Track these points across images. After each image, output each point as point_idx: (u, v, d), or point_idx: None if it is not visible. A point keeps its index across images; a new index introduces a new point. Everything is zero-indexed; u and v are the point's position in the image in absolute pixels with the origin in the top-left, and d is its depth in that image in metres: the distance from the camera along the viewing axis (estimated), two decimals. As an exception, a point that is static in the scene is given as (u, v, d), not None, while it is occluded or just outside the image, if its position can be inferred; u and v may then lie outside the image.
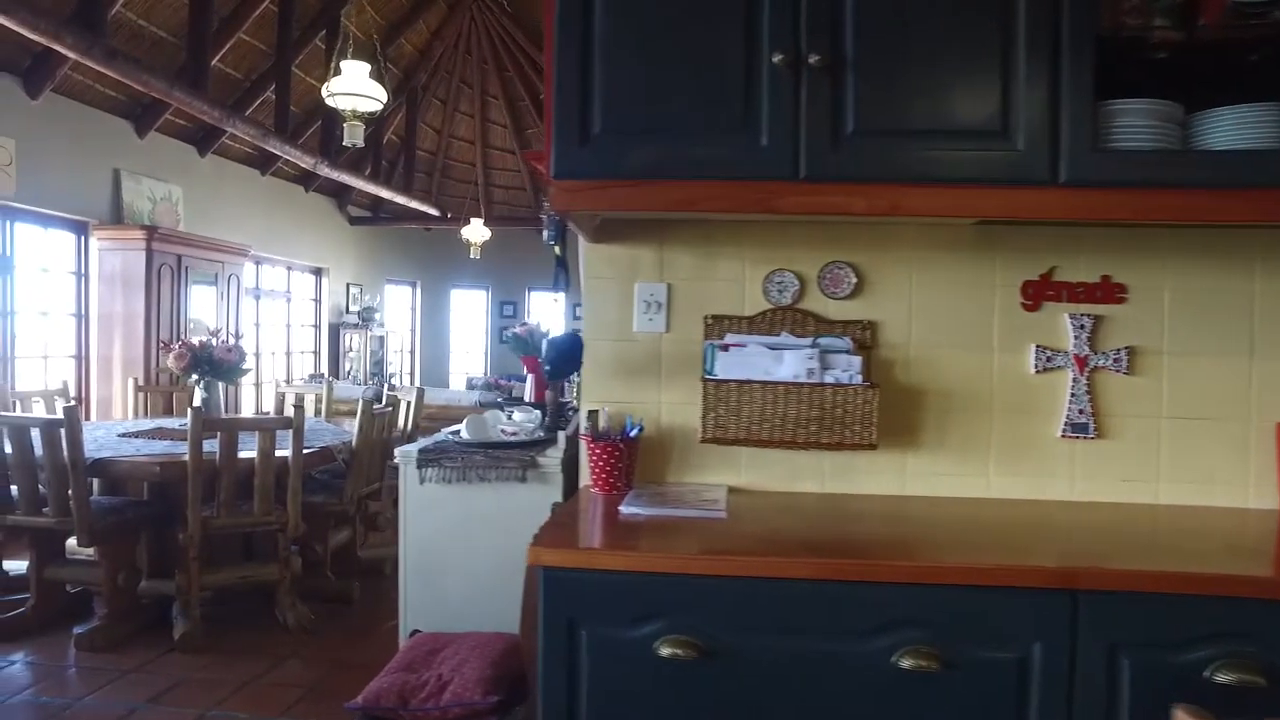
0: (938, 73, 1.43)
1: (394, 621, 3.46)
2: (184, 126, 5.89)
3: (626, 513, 1.62)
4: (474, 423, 2.27)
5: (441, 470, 2.12)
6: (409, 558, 2.20)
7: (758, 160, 1.44)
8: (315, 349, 8.25)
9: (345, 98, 3.48)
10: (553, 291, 1.80)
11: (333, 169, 6.06)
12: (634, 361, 1.92)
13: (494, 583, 2.19)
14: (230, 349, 3.80)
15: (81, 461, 2.91)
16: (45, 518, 2.99)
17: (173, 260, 5.24)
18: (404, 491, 2.21)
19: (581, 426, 1.89)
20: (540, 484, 2.17)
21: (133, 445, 3.34)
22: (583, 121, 1.46)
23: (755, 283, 1.90)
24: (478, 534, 2.18)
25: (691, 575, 1.33)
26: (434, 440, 2.35)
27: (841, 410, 1.77)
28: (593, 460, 1.82)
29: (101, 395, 5.11)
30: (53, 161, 4.80)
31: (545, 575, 1.35)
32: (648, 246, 1.92)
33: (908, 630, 1.29)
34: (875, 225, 1.85)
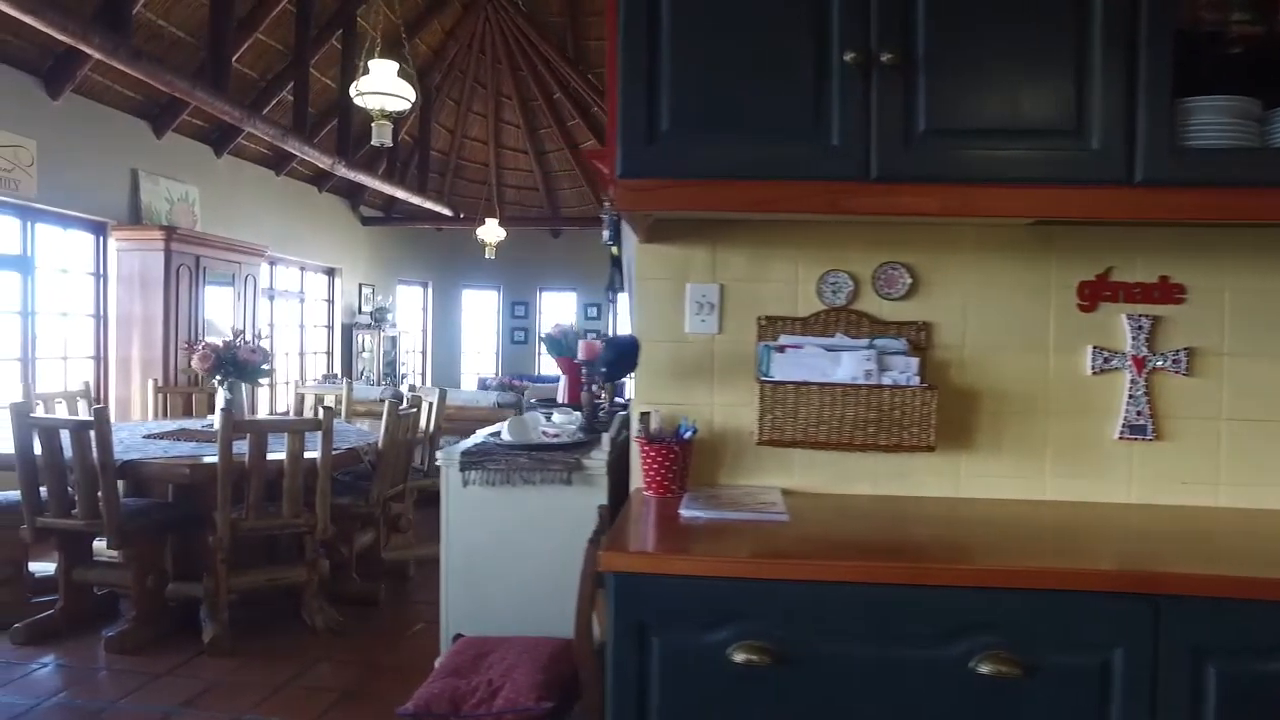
0: (1011, 71, 1.41)
1: (422, 624, 3.46)
2: (200, 127, 5.88)
3: (687, 516, 1.60)
4: (516, 424, 2.25)
5: (485, 473, 2.10)
6: (450, 561, 2.18)
7: (828, 160, 1.42)
8: (328, 350, 8.24)
9: (374, 97, 3.46)
10: (608, 293, 1.78)
11: (350, 169, 6.04)
12: (686, 363, 1.90)
13: (538, 586, 2.17)
14: (254, 350, 3.78)
15: (111, 463, 2.90)
16: (74, 520, 2.97)
17: (191, 261, 5.23)
18: (446, 494, 2.19)
19: (633, 429, 1.87)
20: (585, 486, 2.15)
21: (159, 447, 3.32)
22: (650, 120, 1.44)
23: (809, 283, 1.88)
24: (521, 537, 2.16)
25: (766, 579, 1.31)
26: (475, 442, 2.33)
27: (899, 412, 1.75)
28: (646, 463, 1.80)
29: (120, 396, 5.09)
30: (72, 162, 4.79)
31: (615, 581, 1.33)
32: (700, 247, 1.90)
33: (984, 635, 1.27)
34: (930, 225, 1.83)
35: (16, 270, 4.61)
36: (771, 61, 1.43)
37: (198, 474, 2.97)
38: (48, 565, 3.68)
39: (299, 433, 3.02)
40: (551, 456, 2.13)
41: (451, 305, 10.46)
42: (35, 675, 2.75)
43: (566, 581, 2.17)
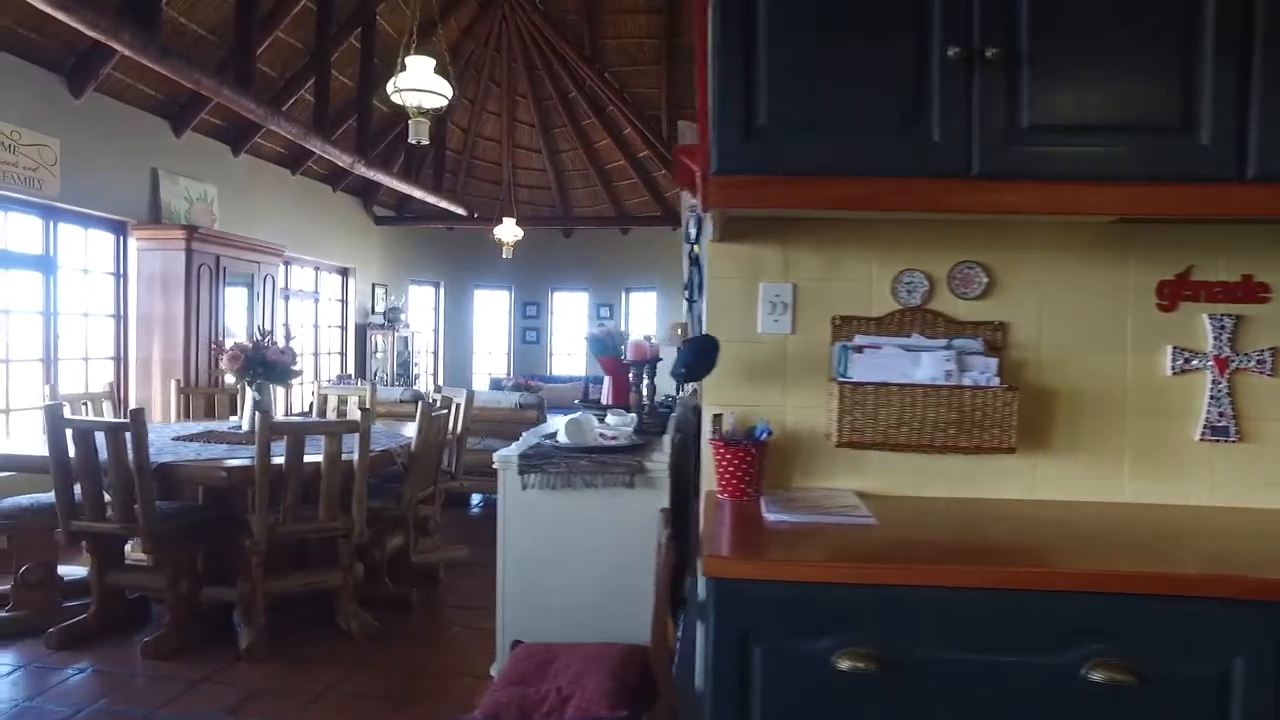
0: (1117, 64, 1.38)
1: (457, 627, 3.42)
2: (218, 125, 5.84)
3: (773, 519, 1.57)
4: (573, 426, 2.22)
5: (545, 476, 2.07)
6: (508, 566, 2.15)
7: (928, 157, 1.39)
8: (342, 350, 8.19)
9: (412, 94, 3.42)
10: (685, 293, 1.74)
11: (369, 168, 6.00)
12: (758, 363, 1.87)
13: (600, 591, 2.14)
14: (283, 350, 3.74)
15: (147, 466, 2.86)
16: (109, 523, 2.93)
17: (211, 260, 5.18)
18: (503, 497, 2.15)
19: (706, 430, 1.84)
20: (646, 489, 2.11)
21: (191, 449, 3.28)
22: (747, 116, 1.40)
23: (883, 283, 1.85)
24: (581, 541, 2.13)
25: (871, 585, 1.27)
26: (528, 444, 2.30)
27: (980, 413, 1.72)
28: (721, 465, 1.77)
29: (141, 397, 5.04)
30: (94, 161, 4.75)
31: (716, 588, 1.30)
32: (772, 246, 1.86)
33: (1093, 642, 1.24)
34: (1006, 224, 1.80)
35: (39, 270, 4.56)
36: (871, 57, 1.40)
37: (234, 477, 2.93)
38: (76, 568, 3.65)
39: (336, 435, 2.98)
40: (612, 459, 2.10)
41: (463, 305, 10.42)
42: (73, 682, 2.71)
43: (628, 585, 2.14)
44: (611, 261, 10.20)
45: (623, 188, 9.19)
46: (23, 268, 4.48)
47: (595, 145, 8.70)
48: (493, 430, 5.55)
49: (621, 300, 10.42)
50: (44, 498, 3.22)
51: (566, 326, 10.66)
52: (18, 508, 3.17)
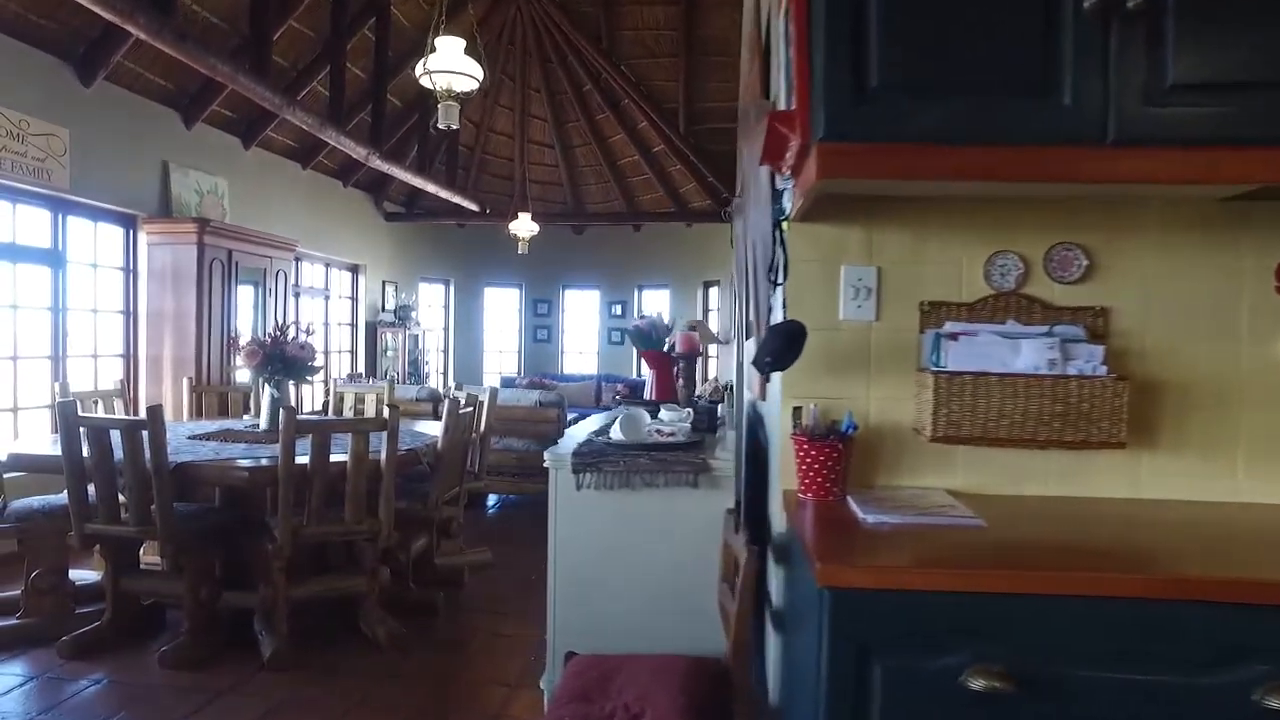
0: (1272, 13, 1.24)
1: (485, 633, 3.28)
2: (229, 118, 5.70)
3: (872, 521, 1.43)
4: (628, 422, 2.07)
5: (601, 475, 1.92)
6: (559, 572, 2.00)
7: (1060, 122, 1.25)
8: (352, 348, 8.05)
9: (441, 76, 3.27)
10: (771, 280, 1.60)
11: (383, 160, 5.85)
12: (840, 352, 1.73)
13: (659, 598, 1.99)
14: (303, 346, 3.60)
15: (165, 466, 2.71)
16: (125, 526, 2.79)
17: (223, 255, 5.04)
18: (554, 499, 2.01)
19: (778, 425, 1.70)
20: (711, 489, 1.97)
21: (209, 448, 3.14)
22: (856, 76, 1.26)
23: (975, 265, 1.71)
24: (640, 545, 1.98)
25: (1001, 594, 1.14)
26: (579, 441, 2.15)
27: (1088, 405, 1.58)
28: (804, 463, 1.63)
29: (151, 395, 4.90)
30: (104, 152, 4.61)
31: (832, 599, 1.16)
32: (855, 226, 1.73)
33: (1261, 662, 1.10)
34: (1108, 202, 1.67)
35: (47, 264, 4.42)
36: (997, 10, 1.26)
37: (257, 477, 2.78)
38: (89, 573, 3.50)
39: (363, 433, 2.83)
40: (674, 457, 1.95)
41: (473, 303, 10.27)
42: (89, 694, 2.57)
43: (688, 592, 1.99)
44: (624, 258, 10.06)
45: (636, 183, 9.05)
46: (31, 262, 4.34)
47: (609, 140, 8.56)
48: (511, 429, 5.41)
49: (634, 298, 10.27)
50: (56, 499, 3.08)
51: (578, 325, 10.52)
52: (28, 510, 3.03)
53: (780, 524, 1.79)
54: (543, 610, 3.61)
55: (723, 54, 6.90)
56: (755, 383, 2.32)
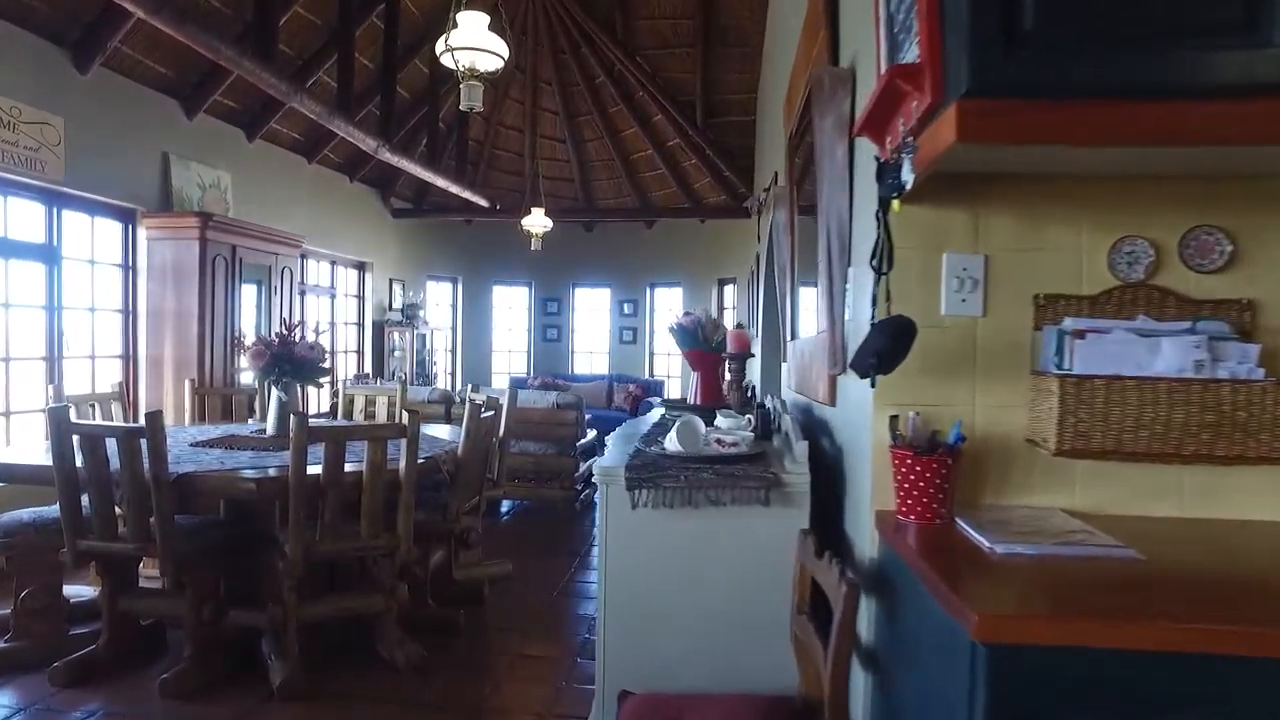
0: None
1: (510, 655, 3.05)
2: (232, 108, 5.47)
3: (1002, 551, 1.20)
4: (686, 431, 1.84)
5: (660, 492, 1.69)
6: (611, 601, 1.77)
7: (1269, 69, 1.02)
8: (359, 348, 7.82)
9: (464, 53, 3.05)
10: (874, 265, 1.37)
11: (392, 153, 5.63)
12: (941, 352, 1.50)
13: (726, 630, 1.76)
14: (312, 346, 3.37)
15: (166, 477, 2.49)
16: (122, 542, 2.57)
17: (227, 251, 4.81)
18: (604, 519, 1.78)
19: (876, 435, 1.47)
20: (783, 507, 1.74)
21: (212, 457, 2.91)
22: (1009, 15, 1.03)
23: (1097, 253, 1.48)
24: (703, 570, 1.75)
25: (1206, 654, 0.91)
26: (631, 453, 1.92)
27: (1244, 414, 1.35)
28: (906, 480, 1.40)
29: (151, 398, 4.68)
30: (101, 143, 4.38)
31: (992, 656, 0.93)
32: (959, 209, 1.50)
33: None
34: (1255, 178, 1.43)
35: (41, 261, 4.19)
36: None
37: (265, 489, 2.55)
38: (84, 589, 3.28)
39: (381, 440, 2.61)
40: (741, 471, 1.73)
41: (481, 302, 10.03)
42: (83, 727, 2.34)
43: (757, 624, 1.77)
44: (635, 256, 9.82)
45: (648, 179, 8.82)
46: (24, 258, 4.12)
47: (621, 134, 8.32)
48: (528, 432, 5.19)
49: (646, 296, 10.04)
50: (48, 511, 2.86)
51: (588, 324, 10.28)
52: (18, 523, 2.80)
53: (869, 548, 1.56)
54: (569, 628, 3.43)
55: (742, 44, 6.67)
56: (820, 386, 2.09)
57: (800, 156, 2.70)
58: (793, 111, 2.80)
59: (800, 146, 2.73)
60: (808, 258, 2.82)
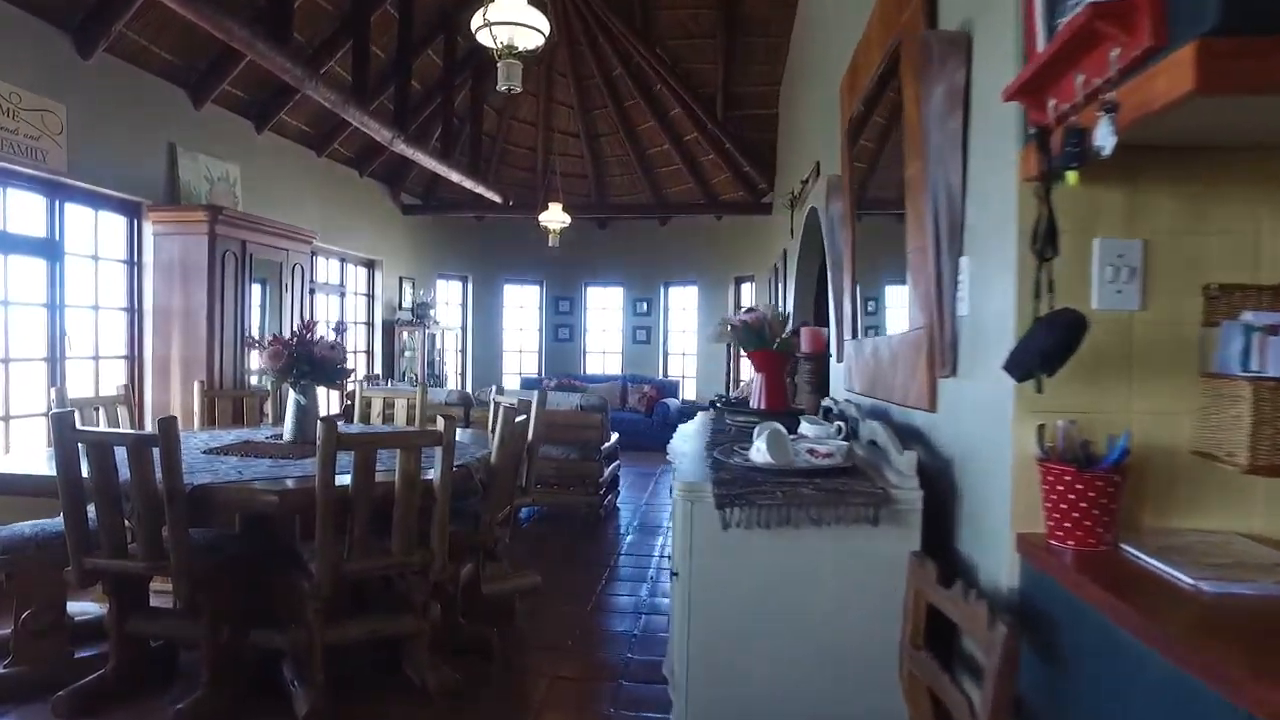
0: None
1: (549, 677, 2.84)
2: (241, 98, 5.26)
3: (1214, 591, 0.99)
4: (776, 441, 1.63)
5: (755, 510, 1.49)
6: (693, 632, 1.56)
7: None
8: (369, 348, 7.61)
9: (503, 29, 2.84)
10: (1036, 249, 1.15)
11: (407, 144, 5.42)
12: (1092, 352, 1.28)
13: (825, 666, 1.55)
14: (333, 346, 3.16)
15: (181, 490, 2.28)
16: (132, 560, 2.36)
17: (236, 247, 4.60)
18: (685, 540, 1.57)
19: (1019, 447, 1.26)
20: (892, 526, 1.53)
21: (227, 464, 2.70)
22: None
23: (1278, 235, 1.28)
24: (797, 598, 1.54)
25: None
26: (711, 464, 1.71)
27: None
28: (1063, 499, 1.20)
29: (158, 401, 4.47)
30: (105, 132, 4.17)
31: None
32: (1111, 185, 1.29)
33: None
34: None
35: (43, 256, 3.98)
36: None
37: (289, 502, 2.34)
38: (89, 605, 3.08)
39: (414, 449, 2.40)
40: (845, 485, 1.52)
41: (492, 300, 9.81)
42: (90, 766, 2.13)
43: (863, 659, 1.56)
44: (649, 254, 9.61)
45: (664, 175, 8.61)
46: (25, 253, 3.90)
47: (638, 129, 8.11)
48: (551, 436, 4.97)
49: (659, 295, 9.83)
50: (52, 524, 2.65)
51: (601, 323, 10.07)
52: (19, 538, 2.59)
53: (1006, 576, 1.35)
54: (608, 647, 3.22)
55: (765, 34, 6.46)
56: (912, 389, 1.88)
57: (869, 139, 2.49)
58: (856, 92, 2.59)
59: (867, 128, 2.52)
60: (873, 250, 2.61)
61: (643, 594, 3.74)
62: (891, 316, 2.20)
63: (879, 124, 2.45)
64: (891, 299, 2.24)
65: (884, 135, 2.33)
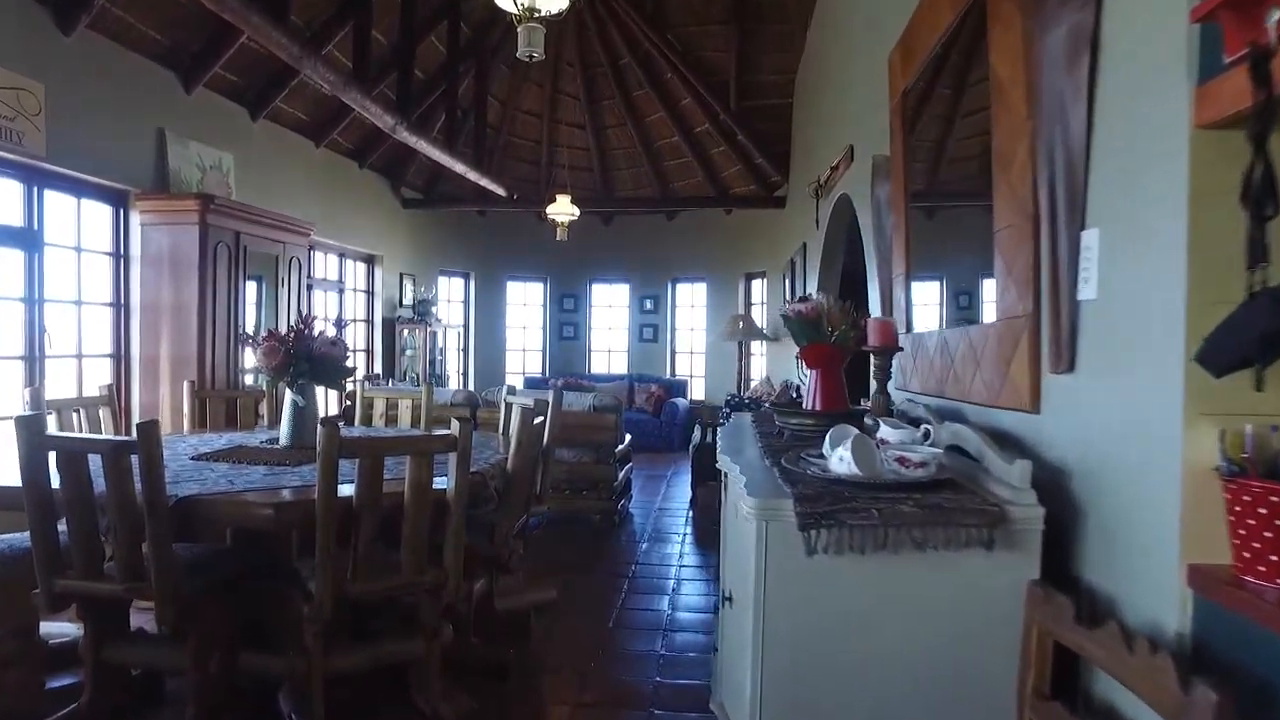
0: None
1: (570, 705, 2.60)
2: (235, 83, 4.99)
3: None
4: (861, 448, 1.38)
5: (847, 532, 1.24)
6: (766, 671, 1.31)
7: None
8: (368, 346, 7.35)
9: (524, -13, 2.60)
10: (1252, 212, 0.90)
11: (410, 132, 5.16)
12: None
13: (926, 712, 1.31)
14: (334, 342, 2.91)
15: (163, 502, 2.02)
16: (109, 582, 2.09)
17: (230, 239, 4.34)
18: (755, 563, 1.32)
19: (1189, 457, 1.01)
20: (1006, 551, 1.28)
21: (218, 473, 2.44)
22: None
23: None
24: (895, 635, 1.29)
25: None
26: (782, 475, 1.46)
27: None
28: (1266, 523, 0.94)
29: (146, 402, 4.20)
30: (88, 114, 3.90)
31: None
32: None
33: None
34: None
35: (19, 247, 3.71)
36: None
37: (286, 516, 2.08)
38: (66, 626, 2.81)
39: (427, 456, 2.15)
40: (953, 502, 1.26)
41: (495, 298, 9.54)
42: (59, 818, 1.87)
43: (969, 705, 1.32)
44: (656, 249, 9.35)
45: (672, 168, 8.36)
46: (0, 243, 3.64)
47: (646, 120, 7.86)
48: (563, 438, 4.72)
49: (667, 292, 9.57)
50: (18, 539, 2.39)
51: (607, 321, 9.80)
52: (-16, 555, 2.33)
53: (1174, 616, 1.10)
54: (633, 669, 2.94)
55: (781, 20, 6.21)
56: (1006, 387, 1.63)
57: (935, 108, 2.24)
58: (913, 62, 2.34)
59: (931, 99, 2.28)
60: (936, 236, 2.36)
61: (665, 607, 3.49)
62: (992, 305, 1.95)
63: (943, 96, 2.20)
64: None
65: (953, 104, 2.08)
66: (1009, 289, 1.61)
